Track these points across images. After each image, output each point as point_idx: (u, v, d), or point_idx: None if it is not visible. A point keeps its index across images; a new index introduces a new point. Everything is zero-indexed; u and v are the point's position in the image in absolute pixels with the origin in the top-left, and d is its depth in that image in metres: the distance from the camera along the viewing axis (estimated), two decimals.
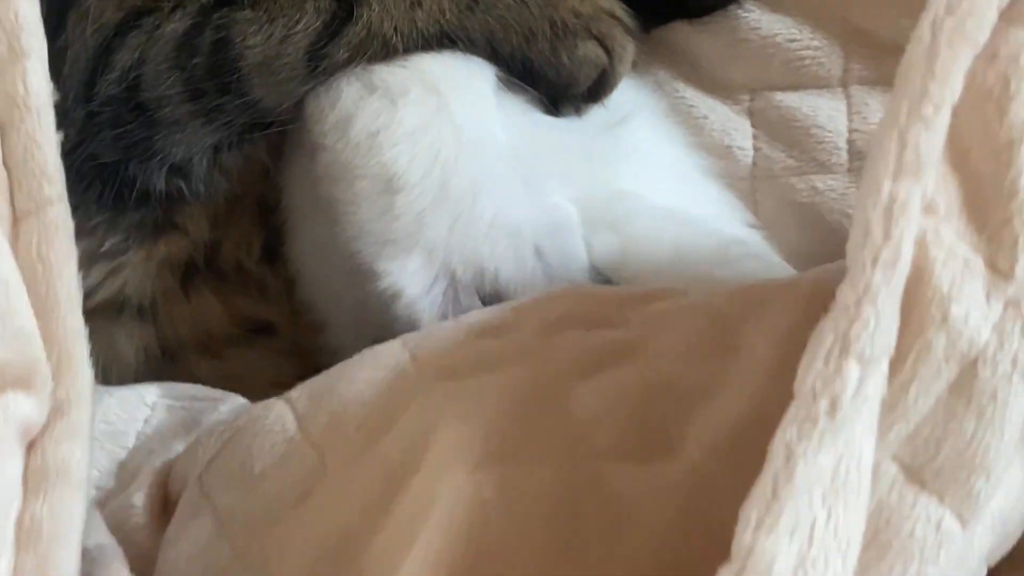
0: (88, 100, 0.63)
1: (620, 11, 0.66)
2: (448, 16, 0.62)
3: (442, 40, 0.62)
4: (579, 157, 0.67)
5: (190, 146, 0.64)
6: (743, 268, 0.66)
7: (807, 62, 0.76)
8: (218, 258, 0.71)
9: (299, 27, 0.60)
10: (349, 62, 0.62)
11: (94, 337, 0.65)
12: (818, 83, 0.76)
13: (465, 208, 0.61)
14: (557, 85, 0.64)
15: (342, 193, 0.61)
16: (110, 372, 0.68)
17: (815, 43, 0.76)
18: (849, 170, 0.76)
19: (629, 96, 0.73)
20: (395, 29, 0.61)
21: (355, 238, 0.61)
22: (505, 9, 0.62)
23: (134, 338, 0.69)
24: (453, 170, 0.61)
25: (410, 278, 0.60)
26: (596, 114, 0.70)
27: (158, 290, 0.69)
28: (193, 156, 0.64)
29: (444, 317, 0.60)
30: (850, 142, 0.76)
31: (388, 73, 0.62)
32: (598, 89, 0.65)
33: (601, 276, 0.62)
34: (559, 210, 0.63)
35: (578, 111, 0.67)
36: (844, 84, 0.76)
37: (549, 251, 0.61)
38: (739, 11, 0.76)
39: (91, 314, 0.65)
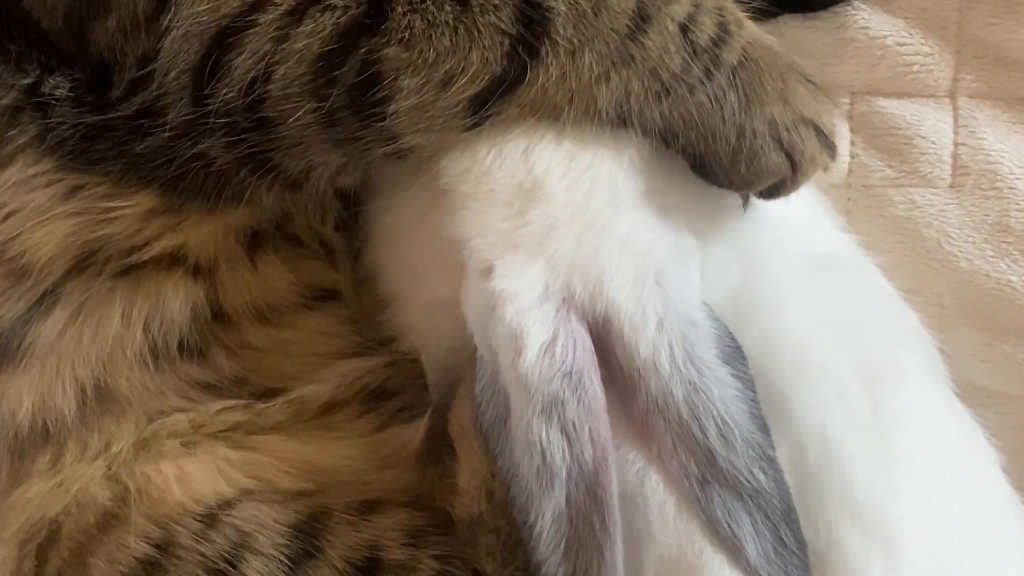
0: (199, 99, 0.56)
1: (824, 117, 0.59)
2: (633, 102, 0.55)
3: (618, 124, 0.56)
4: None
5: (313, 166, 0.58)
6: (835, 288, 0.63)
7: (915, 68, 0.72)
8: (288, 224, 0.66)
9: (463, 79, 0.54)
10: (518, 119, 0.56)
11: (141, 287, 0.61)
12: (925, 91, 0.72)
13: (600, 223, 0.57)
14: (726, 184, 0.58)
15: (472, 189, 0.57)
16: (152, 324, 0.63)
17: (926, 48, 0.72)
18: (951, 185, 0.72)
19: None
20: (570, 101, 0.55)
21: (476, 235, 0.57)
22: (696, 107, 0.55)
23: (181, 294, 0.63)
24: (599, 187, 0.57)
25: (527, 285, 0.56)
26: None
27: (221, 254, 0.64)
28: (312, 174, 0.59)
29: (554, 337, 0.55)
30: (955, 156, 0.72)
31: None
32: (773, 194, 0.59)
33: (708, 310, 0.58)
34: (685, 237, 0.59)
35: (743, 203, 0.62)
36: (952, 95, 0.72)
37: (670, 278, 0.57)
38: (848, 9, 0.72)
39: (141, 266, 0.61)
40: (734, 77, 0.55)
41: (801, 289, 0.61)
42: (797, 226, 0.65)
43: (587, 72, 0.54)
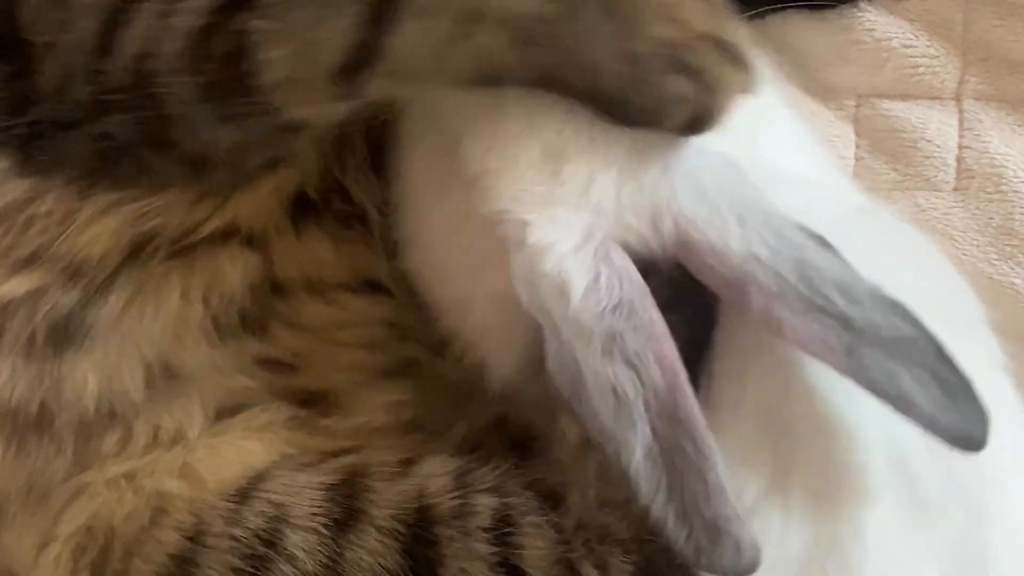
0: (96, 76, 0.56)
1: (726, 32, 0.54)
2: (498, 57, 0.52)
3: (492, 82, 0.54)
4: None
5: (208, 142, 0.58)
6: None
7: (921, 71, 0.72)
8: (336, 201, 0.65)
9: (327, 49, 0.53)
10: (394, 88, 0.55)
11: (197, 263, 0.62)
12: (930, 94, 0.72)
13: (635, 164, 0.56)
14: (638, 123, 0.55)
15: (498, 164, 0.56)
16: (211, 297, 0.63)
17: (931, 51, 0.72)
18: (956, 189, 0.72)
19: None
20: (436, 66, 0.53)
21: (511, 202, 0.55)
22: (567, 46, 0.52)
23: (239, 266, 0.63)
24: (619, 131, 0.56)
25: (563, 233, 0.54)
26: None
27: (270, 222, 0.64)
28: (211, 150, 0.59)
29: (596, 276, 0.54)
30: (959, 159, 0.72)
31: None
32: (695, 126, 0.55)
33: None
34: (723, 155, 0.59)
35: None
36: (958, 97, 0.72)
37: (728, 183, 0.55)
38: (854, 11, 0.72)
39: (197, 245, 0.62)
40: (606, 3, 0.52)
41: (855, 231, 0.59)
42: (832, 182, 0.65)
43: (445, 34, 0.52)
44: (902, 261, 0.60)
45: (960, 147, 0.72)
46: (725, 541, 0.51)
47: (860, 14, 0.71)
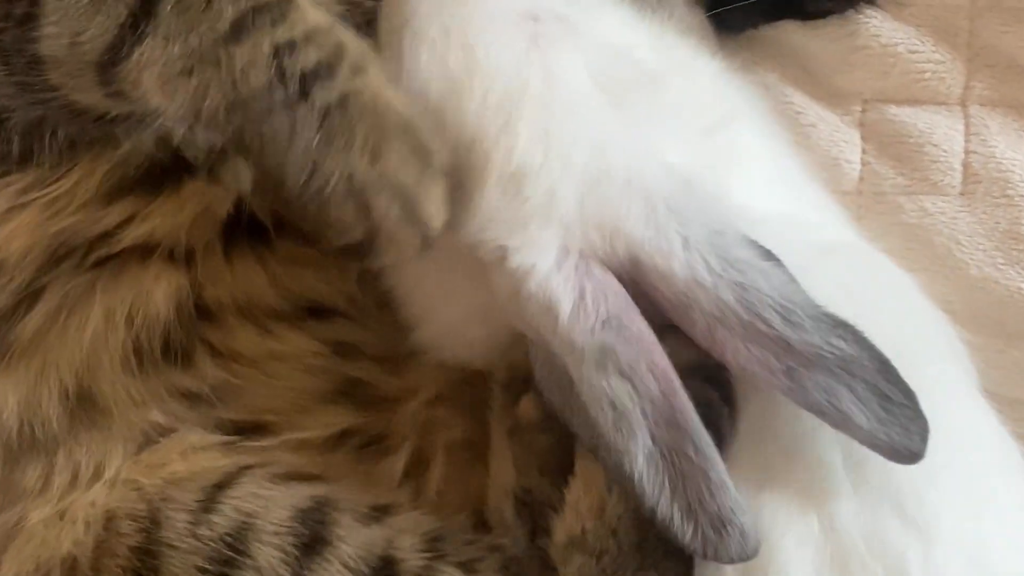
0: None
1: (423, 195, 0.56)
2: (208, 104, 0.54)
3: (193, 120, 0.55)
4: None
5: (20, 113, 0.60)
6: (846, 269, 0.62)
7: (927, 76, 0.72)
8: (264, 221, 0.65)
9: (88, 39, 0.54)
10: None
11: (123, 278, 0.62)
12: (936, 99, 0.73)
13: (595, 173, 0.57)
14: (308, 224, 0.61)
15: (463, 201, 0.57)
16: (135, 317, 0.63)
17: (937, 56, 0.72)
18: (962, 193, 0.72)
19: (731, 96, 0.69)
20: (160, 86, 0.54)
21: (484, 229, 0.57)
22: (271, 131, 0.54)
23: (163, 284, 0.63)
24: (578, 139, 0.57)
25: (541, 253, 0.56)
26: (699, 113, 0.66)
27: (196, 243, 0.64)
28: (30, 126, 0.61)
29: (581, 293, 0.55)
30: (965, 164, 0.72)
31: (453, 56, 0.59)
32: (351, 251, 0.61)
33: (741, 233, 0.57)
34: (682, 170, 0.59)
35: None
36: (963, 103, 0.72)
37: (680, 201, 0.57)
38: (860, 16, 0.72)
39: (120, 256, 0.63)
40: (324, 117, 0.53)
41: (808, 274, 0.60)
42: (799, 218, 0.65)
43: (176, 61, 0.54)
44: (873, 298, 0.61)
45: (966, 152, 0.72)
46: (731, 531, 0.52)
47: (866, 20, 0.72)
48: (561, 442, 0.59)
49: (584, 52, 0.61)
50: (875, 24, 0.72)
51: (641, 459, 0.53)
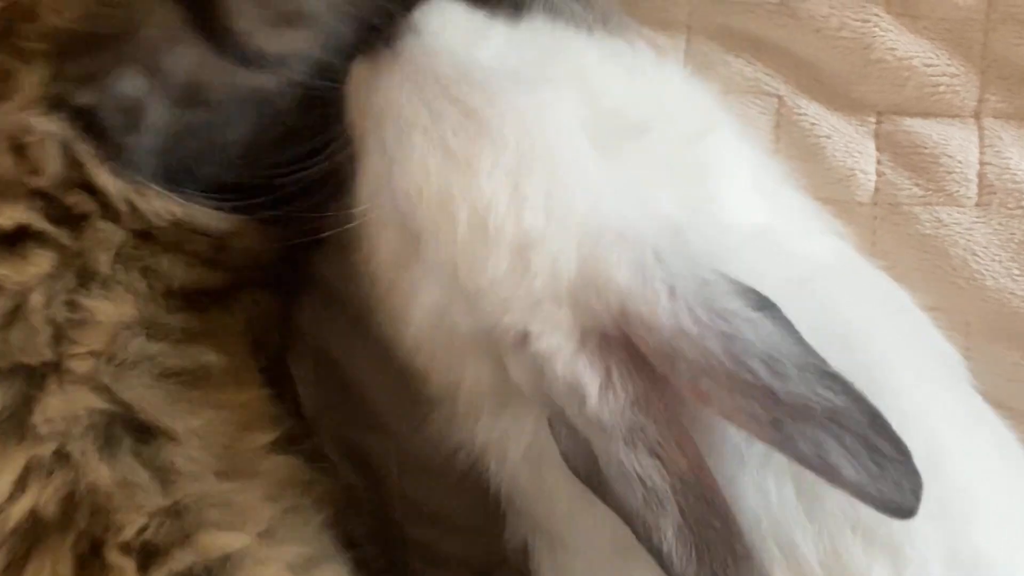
0: None
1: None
2: None
3: None
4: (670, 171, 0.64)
5: None
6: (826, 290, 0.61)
7: (942, 89, 0.73)
8: None
9: None
10: None
11: None
12: (951, 112, 0.73)
13: (591, 228, 0.57)
14: None
15: (472, 284, 0.57)
16: None
17: (952, 70, 0.73)
18: (977, 204, 0.73)
19: (706, 108, 0.69)
20: None
21: (502, 314, 0.57)
22: None
23: None
24: (574, 195, 0.57)
25: (564, 335, 0.56)
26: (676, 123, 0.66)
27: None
28: None
29: (608, 374, 0.55)
30: (980, 175, 0.73)
31: (452, 133, 0.59)
32: None
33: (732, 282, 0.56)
34: (673, 216, 0.59)
35: None
36: (977, 115, 0.73)
37: (668, 251, 0.56)
38: (876, 29, 0.73)
39: None
40: None
41: (809, 288, 0.59)
42: (799, 231, 0.65)
43: None
44: (864, 314, 0.60)
45: (981, 163, 0.73)
46: None
47: (882, 34, 0.73)
48: None
49: (568, 103, 0.61)
50: (891, 37, 0.73)
51: (671, 533, 0.53)
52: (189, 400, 0.64)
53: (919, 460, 0.50)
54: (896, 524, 0.53)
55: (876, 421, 0.51)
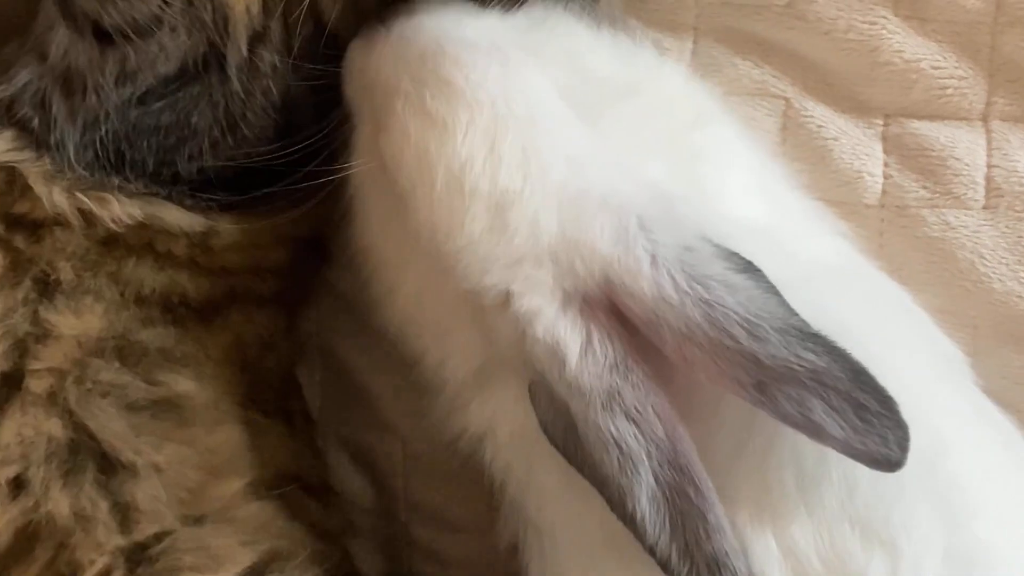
0: None
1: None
2: None
3: None
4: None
5: None
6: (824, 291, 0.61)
7: (949, 92, 0.73)
8: None
9: None
10: None
11: None
12: (958, 114, 0.73)
13: (571, 192, 0.58)
14: None
15: (454, 241, 0.58)
16: None
17: (960, 72, 0.73)
18: (985, 207, 0.73)
19: (706, 103, 0.69)
20: None
21: (483, 274, 0.58)
22: None
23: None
24: (551, 159, 0.58)
25: (545, 296, 0.56)
26: (674, 110, 0.66)
27: None
28: None
29: (588, 337, 0.55)
30: (988, 178, 0.73)
31: (430, 97, 0.60)
32: None
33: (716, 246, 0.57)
34: (660, 184, 0.60)
35: None
36: (985, 118, 0.73)
37: (652, 218, 0.57)
38: (883, 32, 0.73)
39: None
40: None
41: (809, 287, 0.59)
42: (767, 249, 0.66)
43: None
44: (865, 313, 0.60)
45: (988, 166, 0.73)
46: (725, 574, 0.52)
47: (889, 36, 0.72)
48: None
49: (551, 74, 0.62)
50: (898, 40, 0.73)
51: (644, 499, 0.53)
52: (154, 432, 0.63)
53: (920, 454, 0.51)
54: (894, 517, 0.55)
55: (859, 377, 0.51)
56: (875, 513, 0.55)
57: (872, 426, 0.51)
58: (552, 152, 0.58)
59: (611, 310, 0.56)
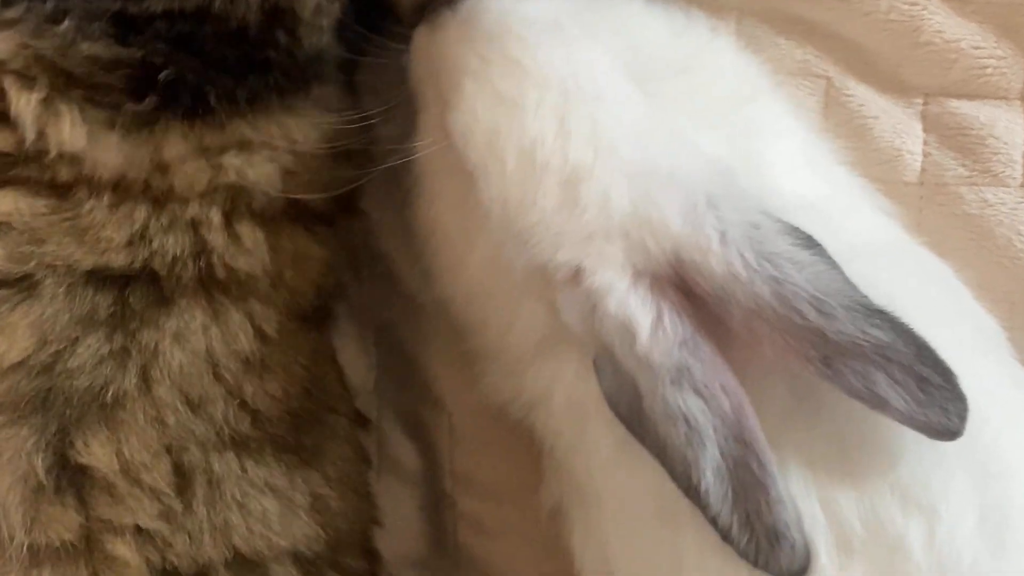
0: None
1: None
2: None
3: None
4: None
5: None
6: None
7: (989, 71, 0.74)
8: None
9: None
10: None
11: None
12: (997, 94, 0.74)
13: (641, 169, 0.59)
14: None
15: (524, 220, 0.59)
16: None
17: (999, 52, 0.74)
18: (1022, 185, 0.74)
19: (757, 76, 0.71)
20: None
21: (554, 250, 0.59)
22: None
23: None
24: (619, 134, 0.60)
25: (617, 272, 0.58)
26: (726, 81, 0.68)
27: None
28: None
29: (659, 313, 0.57)
30: None
31: (499, 76, 0.61)
32: None
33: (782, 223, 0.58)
34: (721, 160, 0.61)
35: None
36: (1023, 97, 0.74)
37: (718, 196, 0.58)
38: (924, 12, 0.74)
39: None
40: None
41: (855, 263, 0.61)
42: (844, 208, 0.67)
43: None
44: (910, 289, 0.62)
45: None
46: (784, 544, 0.55)
47: (930, 16, 0.74)
48: None
49: (610, 48, 0.63)
50: (939, 20, 0.74)
51: (709, 472, 0.55)
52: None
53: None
54: (934, 484, 0.57)
55: (922, 352, 0.54)
56: (915, 480, 0.57)
57: (933, 398, 0.53)
58: (620, 127, 0.60)
59: (679, 286, 0.57)
